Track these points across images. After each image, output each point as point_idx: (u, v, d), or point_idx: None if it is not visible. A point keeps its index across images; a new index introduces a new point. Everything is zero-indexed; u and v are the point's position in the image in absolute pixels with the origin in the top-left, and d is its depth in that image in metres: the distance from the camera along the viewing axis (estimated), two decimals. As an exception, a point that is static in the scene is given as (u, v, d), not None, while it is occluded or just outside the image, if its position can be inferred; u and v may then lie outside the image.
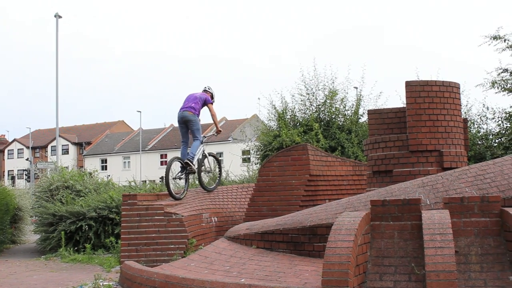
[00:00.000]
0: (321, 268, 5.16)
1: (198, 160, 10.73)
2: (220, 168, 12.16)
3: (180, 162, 10.61)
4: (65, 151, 79.10)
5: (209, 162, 11.41)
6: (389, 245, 5.71)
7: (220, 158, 11.97)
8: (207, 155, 11.24)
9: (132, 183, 16.75)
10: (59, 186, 16.10)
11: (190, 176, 11.90)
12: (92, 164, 63.40)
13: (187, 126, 10.67)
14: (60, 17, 33.29)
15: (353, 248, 5.18)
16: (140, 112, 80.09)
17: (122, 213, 9.17)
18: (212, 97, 11.12)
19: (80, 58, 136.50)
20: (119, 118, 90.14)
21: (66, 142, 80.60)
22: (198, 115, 10.71)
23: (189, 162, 10.51)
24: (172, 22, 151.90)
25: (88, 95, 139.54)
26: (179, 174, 10.66)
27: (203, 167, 11.00)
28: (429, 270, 5.02)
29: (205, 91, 11.11)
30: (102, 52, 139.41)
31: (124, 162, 75.23)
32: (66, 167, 20.74)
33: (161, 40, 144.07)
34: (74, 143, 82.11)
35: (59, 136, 36.75)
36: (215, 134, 11.68)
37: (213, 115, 11.02)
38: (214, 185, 11.56)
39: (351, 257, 5.08)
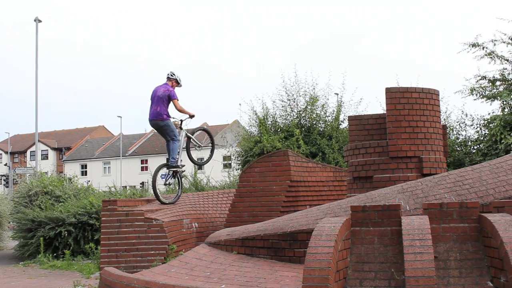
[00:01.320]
0: (302, 273, 5.16)
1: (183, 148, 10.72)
2: (212, 140, 11.67)
3: (167, 167, 10.59)
4: (45, 156, 78.48)
5: (195, 140, 11.07)
6: (369, 251, 5.73)
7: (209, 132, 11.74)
8: (191, 135, 10.96)
9: (112, 189, 16.67)
10: (38, 192, 15.96)
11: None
12: (71, 169, 62.95)
13: (161, 131, 10.58)
14: (40, 21, 33.07)
15: (334, 253, 5.19)
16: (120, 117, 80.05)
17: (102, 219, 9.12)
18: (178, 83, 10.74)
19: (60, 63, 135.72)
20: (100, 123, 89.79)
21: (45, 147, 79.96)
22: (167, 117, 10.39)
23: (175, 169, 10.54)
24: (155, 28, 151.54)
25: (68, 100, 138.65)
26: (170, 179, 10.69)
27: (192, 148, 10.93)
28: (409, 275, 5.05)
29: (168, 79, 10.71)
30: (83, 57, 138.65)
31: (104, 167, 74.77)
32: (46, 172, 20.60)
33: (142, 45, 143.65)
34: (53, 148, 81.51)
35: (39, 141, 36.40)
36: (190, 119, 11.10)
37: (180, 111, 10.58)
38: (206, 158, 11.34)
39: (331, 263, 5.10)
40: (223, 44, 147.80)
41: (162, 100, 10.38)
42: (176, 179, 10.76)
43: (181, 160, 10.75)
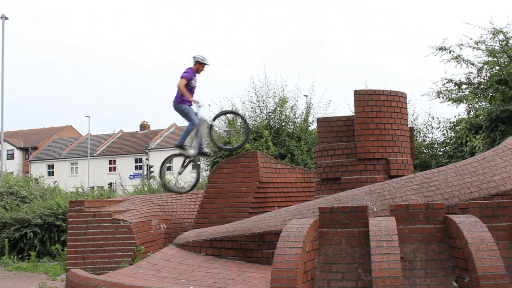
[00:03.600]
0: (270, 274, 5.17)
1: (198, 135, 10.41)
2: (245, 123, 11.10)
3: (177, 155, 10.61)
4: (10, 156, 77.18)
5: (215, 132, 10.61)
6: (336, 252, 5.77)
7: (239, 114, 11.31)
8: (210, 122, 10.53)
9: (80, 189, 16.48)
10: (3, 192, 15.70)
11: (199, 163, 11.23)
12: (38, 169, 62.09)
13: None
14: (6, 18, 32.62)
15: (301, 255, 5.22)
16: (88, 117, 79.14)
17: (69, 220, 9.02)
18: (201, 63, 10.31)
19: (27, 61, 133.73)
20: (67, 123, 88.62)
21: (11, 147, 78.64)
22: (178, 101, 10.21)
23: (178, 147, 10.43)
24: (124, 27, 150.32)
25: (35, 99, 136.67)
26: (181, 169, 10.80)
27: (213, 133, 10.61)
28: (375, 276, 5.10)
29: (194, 64, 10.40)
30: (50, 55, 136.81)
31: (71, 167, 73.90)
32: (11, 172, 20.30)
33: (112, 43, 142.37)
34: (19, 148, 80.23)
35: (4, 140, 35.84)
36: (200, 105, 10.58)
37: (179, 88, 10.18)
38: (239, 144, 10.92)
39: (299, 264, 5.12)
40: (194, 45, 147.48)
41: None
42: (184, 166, 10.75)
43: (197, 150, 10.45)
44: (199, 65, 10.36)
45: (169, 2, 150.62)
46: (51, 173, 72.15)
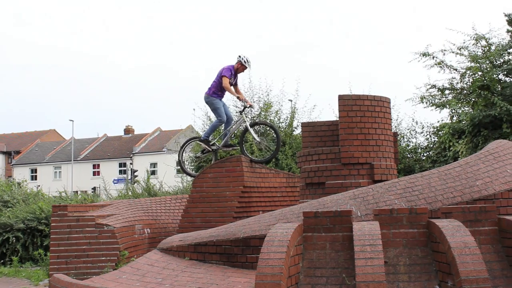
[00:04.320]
0: (254, 279, 5.18)
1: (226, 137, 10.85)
2: (277, 136, 10.74)
3: (198, 140, 11.31)
4: (-7, 160, 76.50)
5: (253, 134, 10.77)
6: (321, 256, 5.79)
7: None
8: (249, 126, 10.68)
9: (63, 194, 16.39)
10: (-15, 197, 15.56)
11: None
12: (21, 173, 61.56)
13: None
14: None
15: (286, 259, 5.23)
16: (72, 121, 78.20)
17: (52, 224, 8.96)
18: (242, 64, 10.55)
19: (10, 64, 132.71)
20: (50, 127, 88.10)
21: (-7, 151, 77.96)
22: (212, 94, 10.64)
23: (202, 141, 10.99)
24: (109, 29, 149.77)
25: (18, 103, 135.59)
26: (199, 153, 11.42)
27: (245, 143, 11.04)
28: (359, 280, 5.12)
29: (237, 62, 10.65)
30: (33, 58, 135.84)
31: (55, 172, 73.38)
32: (-7, 177, 20.09)
33: (95, 46, 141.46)
34: (2, 152, 79.50)
35: (-14, 144, 35.54)
36: (247, 106, 10.96)
37: (225, 88, 10.57)
38: (267, 156, 10.94)
39: (283, 269, 5.13)
40: (178, 47, 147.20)
41: (216, 77, 10.65)
42: (202, 153, 11.30)
43: (222, 143, 10.93)
44: (240, 66, 10.65)
45: (152, 5, 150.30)
46: (34, 177, 71.58)
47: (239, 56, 10.59)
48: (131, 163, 63.62)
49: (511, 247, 5.79)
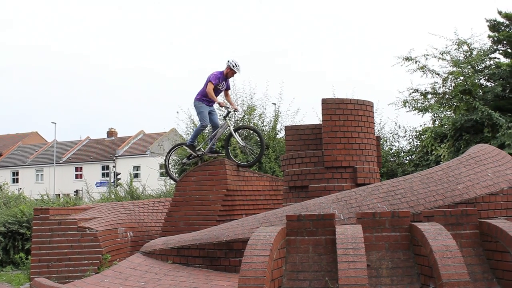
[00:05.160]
0: (237, 283, 5.17)
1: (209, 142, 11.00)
2: (261, 140, 10.81)
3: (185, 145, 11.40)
4: (-27, 163, 75.79)
5: (237, 138, 10.88)
6: (304, 260, 5.80)
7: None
8: (233, 131, 10.81)
9: (45, 197, 16.26)
10: (-34, 200, 15.41)
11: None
12: (2, 176, 60.74)
13: None
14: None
15: (269, 263, 5.23)
16: (55, 123, 77.80)
17: (33, 227, 8.90)
18: (231, 69, 10.62)
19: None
20: (33, 129, 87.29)
21: (-26, 154, 77.25)
22: (199, 99, 10.77)
23: (188, 147, 11.10)
24: (91, 30, 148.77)
25: (0, 105, 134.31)
26: (185, 159, 11.37)
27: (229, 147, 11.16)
28: (342, 283, 5.14)
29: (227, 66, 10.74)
30: (15, 60, 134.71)
31: (37, 175, 72.81)
32: (-26, 179, 19.91)
33: (78, 47, 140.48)
34: (-17, 155, 78.81)
35: (-33, 147, 35.22)
36: (232, 110, 11.13)
37: (207, 93, 10.61)
38: (252, 160, 10.99)
39: (266, 272, 5.13)
40: (161, 49, 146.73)
41: (204, 83, 10.76)
42: (188, 159, 11.30)
43: (208, 149, 11.01)
44: (230, 70, 10.73)
45: (133, 7, 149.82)
46: (15, 180, 70.96)
47: (228, 61, 10.69)
48: (114, 166, 63.31)
49: (492, 250, 5.84)
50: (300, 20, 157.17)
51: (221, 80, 10.76)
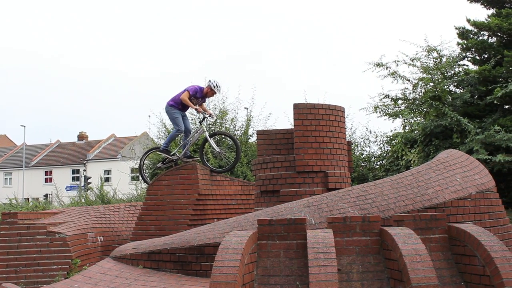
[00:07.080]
0: (208, 287, 5.16)
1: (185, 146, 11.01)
2: (236, 146, 10.95)
3: (158, 150, 11.45)
4: None
5: (212, 144, 10.88)
6: (275, 264, 5.81)
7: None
8: (208, 136, 10.81)
9: (13, 201, 16.05)
10: None
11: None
12: (-31, 180, 60.00)
13: None
14: None
15: (240, 267, 5.23)
16: (24, 126, 76.75)
17: (1, 232, 8.75)
18: (211, 89, 10.73)
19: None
20: (1, 132, 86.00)
21: None
22: (171, 105, 10.82)
23: (162, 151, 11.16)
24: (58, 31, 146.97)
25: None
26: (160, 164, 11.36)
27: (204, 151, 11.18)
28: (313, 288, 5.15)
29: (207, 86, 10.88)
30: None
31: (5, 178, 71.71)
32: None
33: (46, 49, 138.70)
34: (-50, 158, 77.41)
35: None
36: (207, 116, 11.22)
37: (182, 100, 10.73)
38: (228, 166, 11.15)
39: (237, 277, 5.12)
40: (133, 52, 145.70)
41: (182, 90, 10.88)
42: (163, 164, 11.31)
43: (182, 154, 11.01)
44: (210, 90, 10.85)
45: (105, 8, 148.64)
46: (-17, 184, 69.85)
47: (210, 81, 10.81)
48: (84, 170, 62.67)
49: (460, 254, 5.92)
50: (273, 25, 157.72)
51: (198, 96, 10.83)
